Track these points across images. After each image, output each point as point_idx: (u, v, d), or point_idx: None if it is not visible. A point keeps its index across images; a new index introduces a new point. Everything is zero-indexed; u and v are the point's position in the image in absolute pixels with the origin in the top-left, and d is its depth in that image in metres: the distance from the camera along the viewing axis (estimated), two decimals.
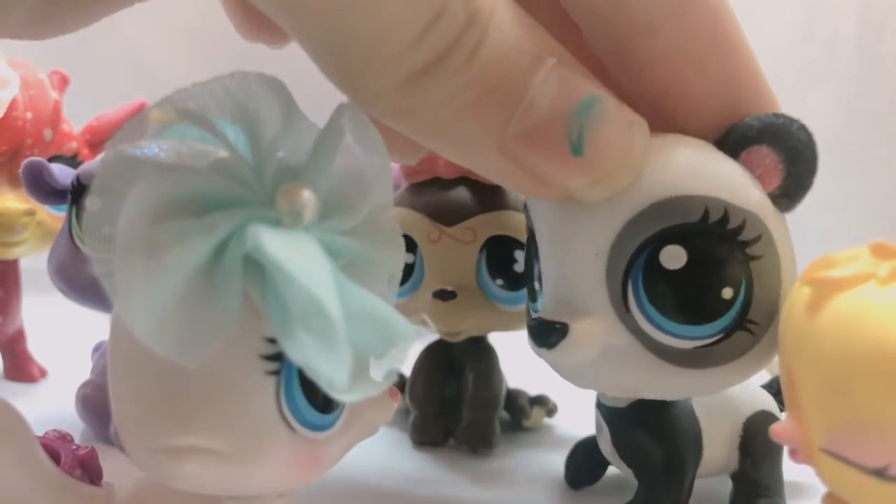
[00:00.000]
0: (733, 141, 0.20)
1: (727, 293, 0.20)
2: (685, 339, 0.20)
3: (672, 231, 0.19)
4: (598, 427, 0.26)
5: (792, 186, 0.21)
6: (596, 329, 0.20)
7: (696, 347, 0.20)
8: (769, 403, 0.26)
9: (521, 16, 0.18)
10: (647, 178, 0.19)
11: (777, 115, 0.20)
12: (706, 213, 0.19)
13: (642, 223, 0.19)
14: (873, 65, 0.60)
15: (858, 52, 0.60)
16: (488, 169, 0.19)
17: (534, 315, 0.23)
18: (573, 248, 0.20)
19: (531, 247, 0.23)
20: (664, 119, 0.21)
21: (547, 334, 0.20)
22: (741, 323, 0.20)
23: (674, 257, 0.19)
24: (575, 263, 0.20)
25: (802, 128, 0.20)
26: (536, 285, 0.23)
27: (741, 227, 0.19)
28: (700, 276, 0.20)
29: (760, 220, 0.20)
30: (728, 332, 0.20)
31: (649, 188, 0.19)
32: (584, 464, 0.28)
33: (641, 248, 0.20)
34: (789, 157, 0.20)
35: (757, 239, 0.20)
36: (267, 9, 0.17)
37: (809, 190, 0.21)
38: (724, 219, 0.19)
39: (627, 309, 0.20)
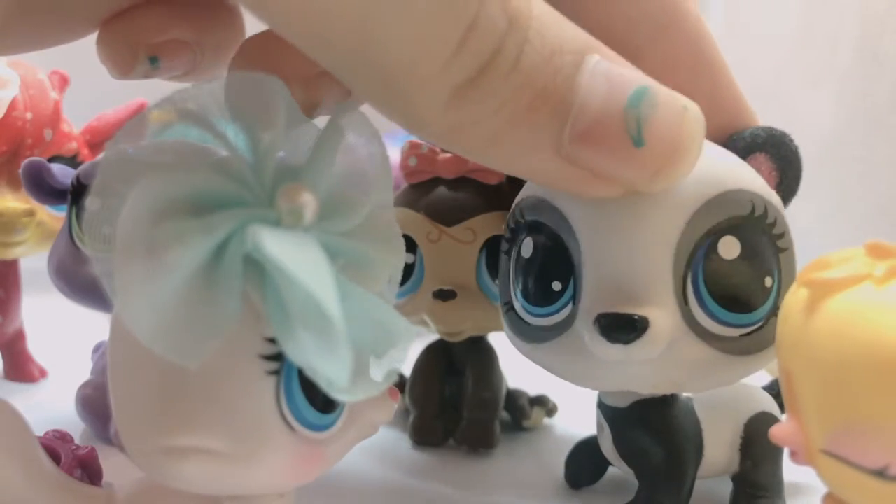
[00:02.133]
0: (742, 147, 0.22)
1: (768, 282, 0.21)
2: (736, 326, 0.21)
3: (728, 223, 0.21)
4: (600, 427, 0.26)
5: (785, 191, 0.23)
6: (669, 321, 0.20)
7: (742, 335, 0.21)
8: (770, 405, 0.26)
9: (556, 15, 0.17)
10: (708, 171, 0.20)
11: (773, 128, 0.23)
12: (753, 207, 0.21)
13: (706, 214, 0.20)
14: (873, 65, 0.60)
15: (858, 52, 0.60)
16: (546, 174, 0.19)
17: (536, 318, 0.23)
18: (643, 238, 0.20)
19: (549, 243, 0.22)
20: None
21: (626, 329, 0.20)
22: (775, 310, 0.21)
23: (731, 247, 0.21)
24: (644, 253, 0.20)
25: (792, 140, 0.23)
26: (556, 285, 0.22)
27: (775, 222, 0.21)
28: (751, 266, 0.21)
29: (783, 218, 0.21)
30: (767, 319, 0.21)
31: (710, 181, 0.20)
32: (584, 464, 0.28)
33: (704, 239, 0.20)
34: (783, 164, 0.23)
35: (783, 234, 0.21)
36: (299, 45, 0.16)
37: (795, 195, 0.23)
38: (765, 213, 0.21)
39: (686, 300, 0.20)
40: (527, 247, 0.23)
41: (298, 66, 0.18)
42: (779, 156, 0.22)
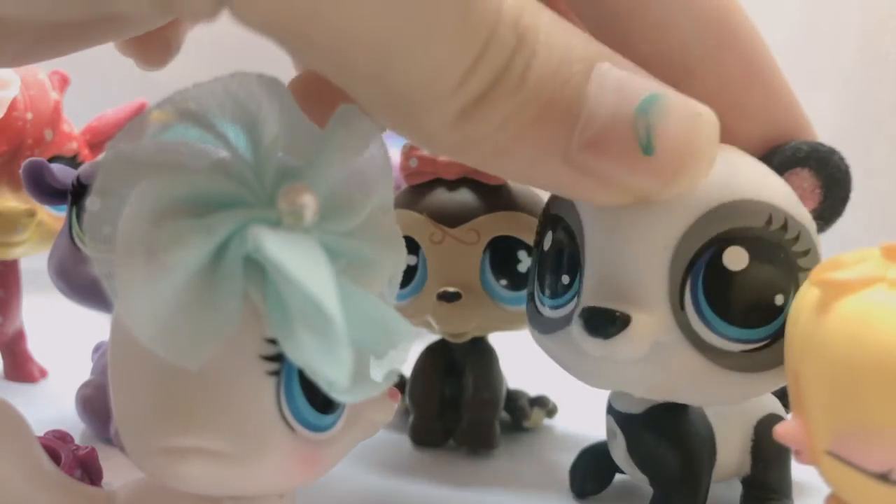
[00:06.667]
0: (779, 161, 0.21)
1: (779, 300, 0.20)
2: (735, 341, 0.20)
3: (737, 233, 0.20)
4: (611, 433, 0.26)
5: (827, 211, 0.22)
6: (654, 322, 0.20)
7: (742, 351, 0.20)
8: (777, 406, 0.26)
9: (565, 26, 0.17)
10: (718, 178, 0.20)
11: (821, 144, 0.22)
12: (770, 220, 0.20)
13: (711, 221, 0.20)
14: (874, 65, 0.60)
15: (859, 52, 0.60)
16: (555, 183, 0.19)
17: (549, 310, 0.23)
18: (640, 238, 0.20)
19: (564, 238, 0.22)
20: None
21: (606, 323, 0.20)
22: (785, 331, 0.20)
23: (737, 258, 0.20)
24: (640, 254, 0.20)
25: (842, 159, 0.22)
26: (565, 279, 0.22)
27: (796, 239, 0.20)
28: (758, 280, 0.20)
29: (810, 235, 0.21)
30: (774, 339, 0.20)
31: (719, 188, 0.20)
32: (589, 473, 0.28)
33: (707, 246, 0.20)
34: (828, 182, 0.21)
35: (807, 252, 0.20)
36: (316, 67, 0.16)
37: (841, 216, 0.22)
38: (784, 227, 0.20)
39: (682, 306, 0.20)
40: (548, 239, 0.23)
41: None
42: (823, 173, 0.21)
